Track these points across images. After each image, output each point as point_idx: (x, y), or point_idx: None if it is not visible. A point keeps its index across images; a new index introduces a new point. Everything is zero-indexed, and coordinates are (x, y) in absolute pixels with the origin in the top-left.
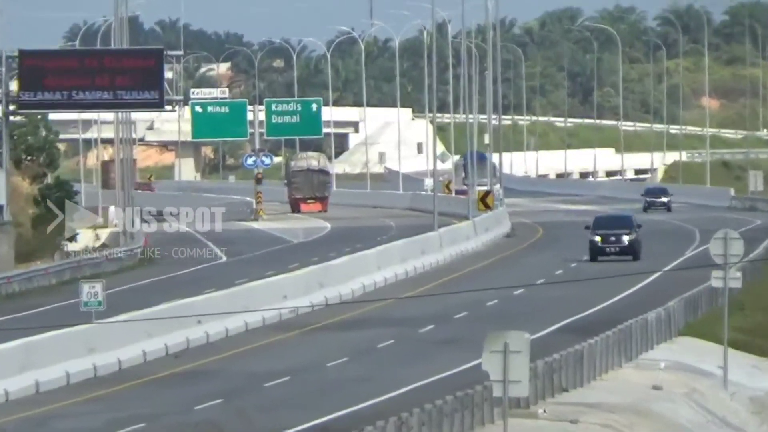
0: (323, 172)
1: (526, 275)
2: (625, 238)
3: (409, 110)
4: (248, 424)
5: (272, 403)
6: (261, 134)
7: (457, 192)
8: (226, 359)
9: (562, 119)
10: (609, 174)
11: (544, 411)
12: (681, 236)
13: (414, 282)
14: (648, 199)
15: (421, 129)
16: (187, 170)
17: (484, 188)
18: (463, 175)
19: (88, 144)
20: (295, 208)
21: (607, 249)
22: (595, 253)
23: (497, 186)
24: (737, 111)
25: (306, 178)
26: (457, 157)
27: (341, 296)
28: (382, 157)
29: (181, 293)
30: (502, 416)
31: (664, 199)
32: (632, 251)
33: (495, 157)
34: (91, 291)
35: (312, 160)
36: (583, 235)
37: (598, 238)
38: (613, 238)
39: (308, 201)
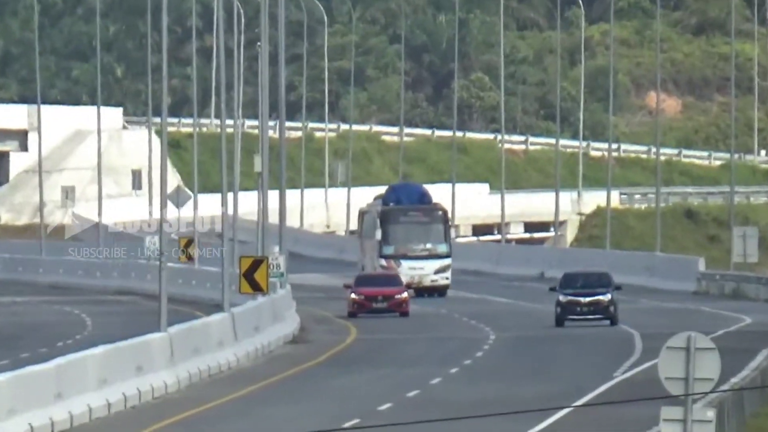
0: None
1: (328, 412)
2: None
3: (119, 110)
4: None
5: None
6: None
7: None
8: None
9: (395, 129)
10: (477, 230)
11: None
12: (610, 344)
13: (123, 422)
14: (564, 298)
15: (139, 143)
16: None
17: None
18: (378, 237)
19: None
20: None
21: None
22: None
23: (446, 261)
24: (712, 118)
25: None
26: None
27: None
28: (68, 194)
29: None
30: None
31: (603, 297)
32: None
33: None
34: None
35: None
36: (435, 340)
37: None
38: None
39: None
